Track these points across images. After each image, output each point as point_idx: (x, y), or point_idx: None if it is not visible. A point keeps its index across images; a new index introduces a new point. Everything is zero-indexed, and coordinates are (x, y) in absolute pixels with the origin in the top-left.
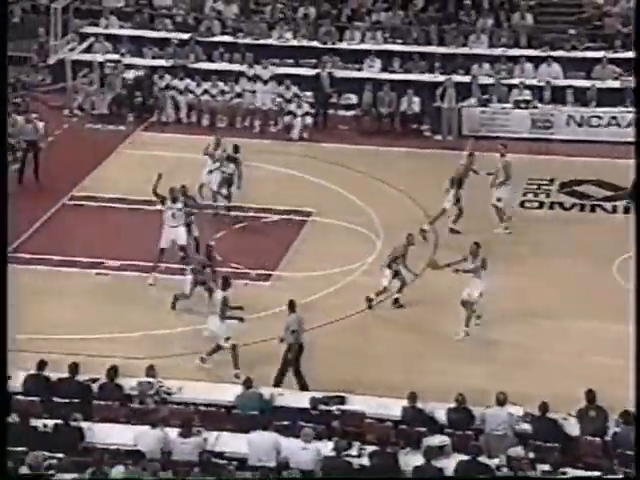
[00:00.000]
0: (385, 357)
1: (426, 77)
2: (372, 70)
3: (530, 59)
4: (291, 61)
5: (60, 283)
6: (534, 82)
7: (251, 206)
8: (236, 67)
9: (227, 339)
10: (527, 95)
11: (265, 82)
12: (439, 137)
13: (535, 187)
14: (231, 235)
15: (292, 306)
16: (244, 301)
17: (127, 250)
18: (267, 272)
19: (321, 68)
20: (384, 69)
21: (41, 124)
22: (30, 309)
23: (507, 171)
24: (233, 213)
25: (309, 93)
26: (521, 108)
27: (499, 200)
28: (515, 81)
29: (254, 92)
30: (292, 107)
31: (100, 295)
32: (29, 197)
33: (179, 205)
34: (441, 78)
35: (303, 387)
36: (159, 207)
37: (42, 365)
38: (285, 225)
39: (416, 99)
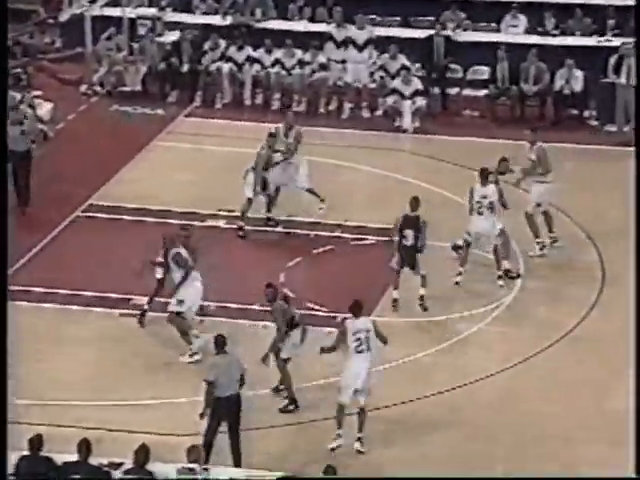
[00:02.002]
0: (524, 439)
1: (593, 41)
2: (514, 31)
3: None
4: (398, 19)
5: (69, 327)
6: None
7: (338, 223)
8: (320, 27)
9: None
10: None
11: (361, 49)
12: (612, 128)
13: None
14: (309, 264)
15: (220, 344)
16: (325, 357)
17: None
18: None
19: (438, 29)
20: (531, 30)
21: (49, 106)
22: (26, 363)
23: (544, 162)
24: (305, 232)
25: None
26: None
27: (539, 205)
28: None
29: (344, 63)
30: (398, 84)
31: (125, 344)
32: (32, 208)
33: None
34: (616, 43)
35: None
36: (208, 223)
37: (37, 442)
38: (385, 250)
39: (578, 73)
